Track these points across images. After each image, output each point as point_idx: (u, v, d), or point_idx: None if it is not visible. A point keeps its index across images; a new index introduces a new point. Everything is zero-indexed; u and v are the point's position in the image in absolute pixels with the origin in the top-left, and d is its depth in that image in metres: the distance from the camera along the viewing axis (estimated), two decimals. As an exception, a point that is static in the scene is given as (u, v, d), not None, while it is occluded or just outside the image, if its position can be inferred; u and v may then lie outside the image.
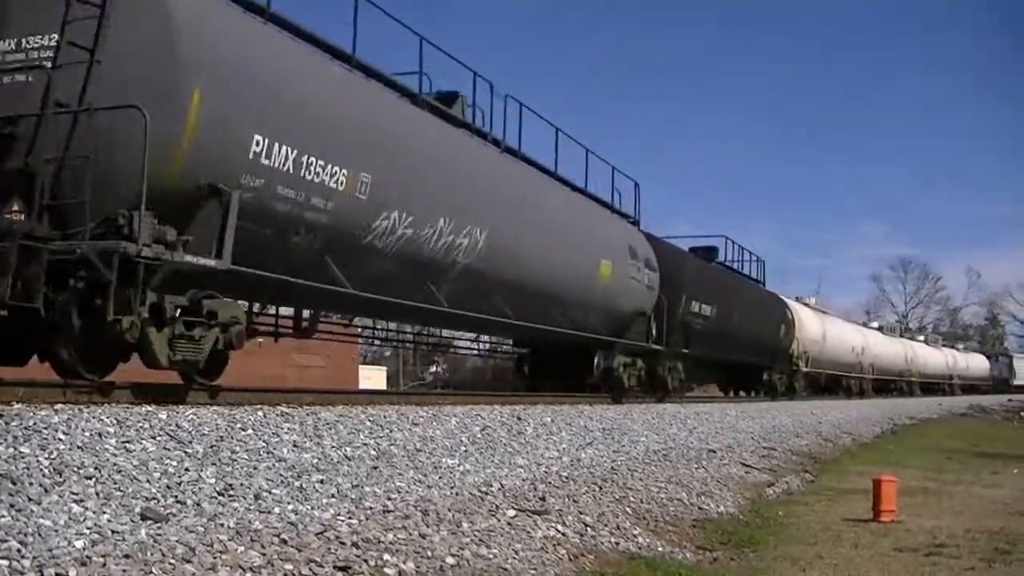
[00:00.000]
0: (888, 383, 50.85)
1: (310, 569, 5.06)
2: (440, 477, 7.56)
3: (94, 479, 5.17)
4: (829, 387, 40.29)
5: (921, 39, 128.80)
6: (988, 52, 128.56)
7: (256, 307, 10.85)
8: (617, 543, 7.62)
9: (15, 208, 7.36)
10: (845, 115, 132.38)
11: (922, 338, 67.37)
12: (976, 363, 76.61)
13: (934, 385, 62.17)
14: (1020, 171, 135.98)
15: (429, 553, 5.87)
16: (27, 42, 7.77)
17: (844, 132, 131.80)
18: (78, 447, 5.52)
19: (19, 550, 4.21)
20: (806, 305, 37.89)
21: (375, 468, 7.19)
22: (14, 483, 4.81)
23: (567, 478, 9.03)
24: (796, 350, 31.90)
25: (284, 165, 8.69)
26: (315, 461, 6.83)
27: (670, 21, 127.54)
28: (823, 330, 36.53)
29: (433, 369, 44.71)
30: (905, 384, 54.10)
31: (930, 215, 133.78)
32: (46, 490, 4.86)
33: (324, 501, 6.09)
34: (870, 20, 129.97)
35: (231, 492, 5.68)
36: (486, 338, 19.91)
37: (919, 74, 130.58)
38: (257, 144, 8.36)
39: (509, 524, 6.98)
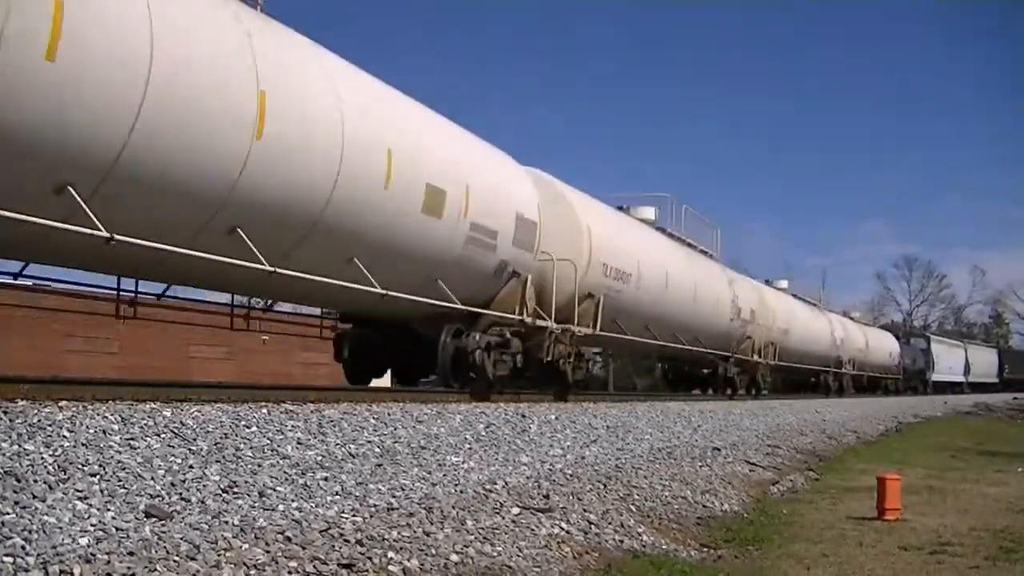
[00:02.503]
0: (695, 363, 24.90)
1: (314, 567, 5.06)
2: (444, 475, 7.56)
3: (98, 476, 5.18)
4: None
5: (926, 40, 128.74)
6: (992, 51, 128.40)
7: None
8: (621, 541, 7.61)
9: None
10: (848, 114, 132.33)
11: (784, 283, 36.19)
12: (880, 344, 48.10)
13: (810, 374, 35.53)
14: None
15: (433, 551, 5.87)
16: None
17: (846, 131, 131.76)
18: (82, 444, 5.52)
19: (24, 547, 4.22)
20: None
21: (379, 466, 7.19)
22: (18, 480, 4.82)
23: (571, 476, 9.02)
24: None
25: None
26: (319, 458, 6.83)
27: (674, 13, 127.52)
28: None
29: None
30: (747, 370, 26.96)
31: (934, 213, 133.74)
32: (50, 487, 4.87)
33: (328, 499, 6.09)
34: (877, 20, 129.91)
35: (235, 489, 5.69)
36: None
37: (924, 73, 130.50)
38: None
39: (513, 522, 6.97)
